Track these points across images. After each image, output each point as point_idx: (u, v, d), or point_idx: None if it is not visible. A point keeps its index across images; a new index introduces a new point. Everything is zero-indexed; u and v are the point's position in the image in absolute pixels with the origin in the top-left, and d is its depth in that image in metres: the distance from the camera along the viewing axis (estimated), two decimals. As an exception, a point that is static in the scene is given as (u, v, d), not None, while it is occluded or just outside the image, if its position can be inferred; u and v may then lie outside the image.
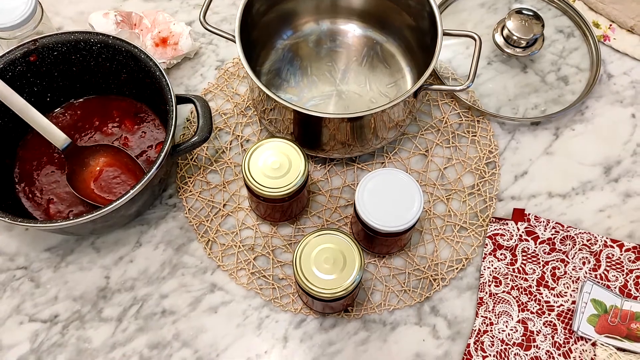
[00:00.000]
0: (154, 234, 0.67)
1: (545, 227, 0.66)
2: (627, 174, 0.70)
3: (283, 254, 0.66)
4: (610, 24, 0.78)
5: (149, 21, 0.75)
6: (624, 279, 0.64)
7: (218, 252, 0.66)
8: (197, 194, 0.69)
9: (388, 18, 0.73)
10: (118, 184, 0.67)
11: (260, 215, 0.67)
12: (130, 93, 0.71)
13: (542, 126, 0.73)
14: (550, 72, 0.75)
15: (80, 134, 0.70)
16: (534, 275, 0.64)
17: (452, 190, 0.69)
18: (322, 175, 0.70)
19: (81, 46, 0.66)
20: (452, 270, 0.65)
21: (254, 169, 0.60)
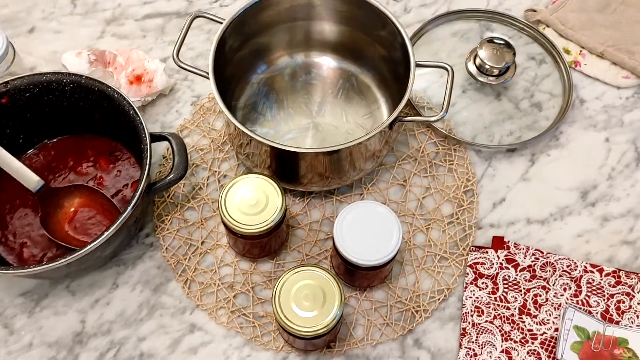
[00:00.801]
0: (131, 274, 0.66)
1: (525, 254, 0.66)
2: (604, 198, 0.70)
3: (263, 290, 0.65)
4: (580, 50, 0.79)
5: (123, 59, 0.74)
6: (605, 304, 0.64)
7: (197, 291, 0.65)
8: (174, 232, 0.68)
9: (362, 50, 0.74)
10: (93, 225, 0.66)
11: (239, 252, 0.66)
12: (105, 132, 0.70)
13: (518, 152, 0.73)
14: (523, 98, 0.76)
15: (54, 175, 0.69)
16: (515, 303, 0.64)
17: (431, 220, 0.69)
18: (300, 209, 0.70)
19: (53, 87, 0.66)
20: (434, 301, 0.65)
21: (231, 206, 0.59)
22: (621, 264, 0.67)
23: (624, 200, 0.70)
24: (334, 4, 0.70)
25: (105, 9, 0.83)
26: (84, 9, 0.83)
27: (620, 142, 0.74)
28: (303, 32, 0.74)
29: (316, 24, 0.73)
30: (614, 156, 0.73)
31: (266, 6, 0.68)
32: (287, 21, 0.72)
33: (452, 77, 0.64)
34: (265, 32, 0.72)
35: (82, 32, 0.81)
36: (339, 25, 0.73)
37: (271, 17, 0.70)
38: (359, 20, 0.70)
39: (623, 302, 0.64)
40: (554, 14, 0.80)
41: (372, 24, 0.69)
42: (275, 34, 0.73)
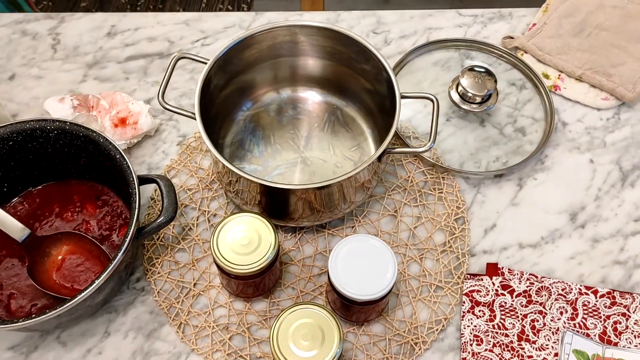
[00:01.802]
0: (123, 321, 0.64)
1: (519, 279, 0.66)
2: (593, 219, 0.71)
3: (259, 330, 0.64)
4: (559, 74, 0.81)
5: (106, 102, 0.74)
6: (602, 325, 0.64)
7: (191, 335, 0.63)
8: (165, 274, 0.67)
9: (346, 83, 0.74)
10: (82, 272, 0.65)
11: (233, 292, 0.65)
12: (90, 176, 0.70)
13: (505, 178, 0.74)
14: (507, 124, 0.77)
15: (40, 223, 0.68)
16: (514, 329, 0.64)
17: (424, 249, 0.69)
18: (293, 245, 0.69)
19: (37, 134, 0.65)
20: (433, 332, 0.64)
21: (223, 246, 0.59)
22: (614, 284, 0.67)
23: (612, 221, 0.71)
24: (317, 40, 0.70)
25: (87, 53, 0.83)
26: (64, 53, 0.83)
27: (604, 162, 0.75)
28: (287, 68, 0.75)
29: (300, 60, 0.74)
30: (600, 177, 0.74)
31: (249, 45, 0.68)
32: (270, 58, 0.72)
33: (437, 108, 0.65)
34: (249, 69, 0.72)
35: (64, 77, 0.80)
36: (323, 60, 0.74)
37: (254, 55, 0.70)
38: (342, 55, 0.71)
39: (620, 323, 0.64)
40: (531, 40, 0.82)
41: (355, 59, 0.70)
42: (259, 71, 0.73)
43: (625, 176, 0.74)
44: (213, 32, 0.85)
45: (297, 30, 0.69)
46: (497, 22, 0.86)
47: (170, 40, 0.84)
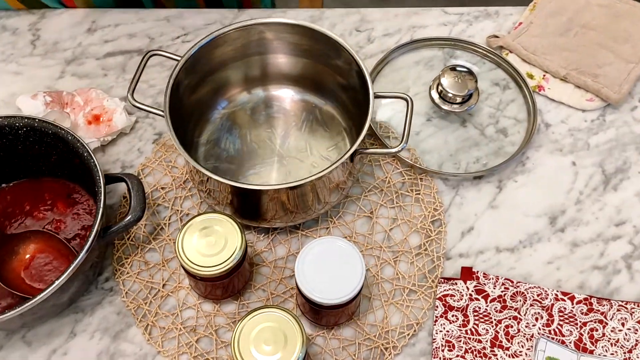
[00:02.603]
0: (90, 321, 0.63)
1: (494, 284, 0.64)
2: (573, 223, 0.69)
3: (227, 333, 0.63)
4: (543, 74, 0.79)
5: (81, 99, 0.73)
6: (578, 332, 0.62)
7: (158, 337, 0.62)
8: (134, 275, 0.66)
9: (322, 81, 0.73)
10: (50, 271, 0.64)
11: (201, 294, 0.64)
12: (62, 174, 0.69)
13: (485, 180, 0.72)
14: (489, 125, 0.76)
15: (10, 221, 0.67)
16: (487, 335, 0.62)
17: (399, 252, 0.67)
18: (265, 246, 0.68)
19: (6, 131, 0.64)
20: (404, 336, 0.63)
21: (188, 248, 0.58)
22: (593, 290, 0.65)
23: (593, 225, 0.69)
24: (288, 37, 0.69)
25: (66, 49, 0.82)
26: (43, 49, 0.82)
27: (586, 165, 0.73)
28: (263, 66, 0.73)
29: (276, 58, 0.73)
30: (581, 180, 0.72)
31: (220, 43, 0.67)
32: (245, 56, 0.71)
33: (411, 108, 0.63)
34: (223, 68, 0.71)
35: (42, 73, 0.80)
36: (299, 58, 0.72)
37: (227, 53, 0.69)
38: (315, 52, 0.70)
39: (596, 330, 0.62)
40: (516, 40, 0.80)
41: (328, 55, 0.69)
42: (233, 69, 0.72)
43: (608, 179, 0.72)
44: (194, 29, 0.84)
45: (269, 28, 0.68)
46: (483, 21, 0.85)
47: (150, 36, 0.83)
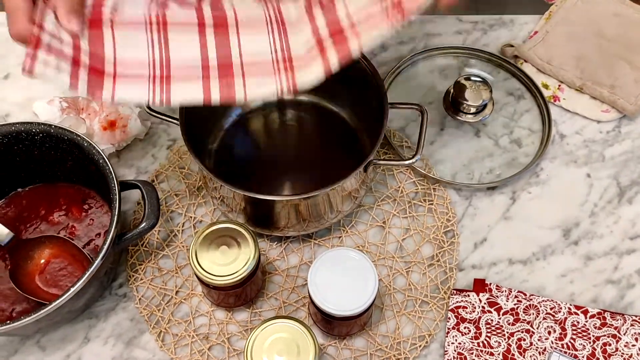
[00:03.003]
0: (103, 327, 0.64)
1: (507, 296, 0.64)
2: (587, 235, 0.69)
3: (239, 341, 0.63)
4: (559, 84, 0.79)
5: (97, 105, 0.74)
6: (591, 347, 0.62)
7: (171, 344, 0.63)
8: (148, 281, 0.66)
9: (337, 89, 0.73)
10: (64, 276, 0.64)
11: (214, 302, 0.64)
12: (78, 179, 0.69)
13: (498, 190, 0.72)
14: (503, 135, 0.75)
15: (26, 225, 0.68)
16: (499, 348, 0.62)
17: (411, 262, 0.67)
18: (278, 254, 0.68)
19: (23, 137, 0.65)
20: (415, 348, 0.63)
21: (202, 257, 0.58)
22: (606, 304, 0.65)
23: (607, 238, 0.69)
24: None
25: (81, 54, 0.82)
26: (59, 53, 0.82)
27: (601, 177, 0.72)
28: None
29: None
30: (596, 192, 0.71)
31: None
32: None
33: (426, 119, 0.63)
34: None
35: (58, 78, 0.80)
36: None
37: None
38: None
39: (609, 345, 0.62)
40: (532, 49, 0.80)
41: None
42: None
43: (623, 192, 0.72)
44: (208, 35, 0.84)
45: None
46: (498, 29, 0.84)
47: (165, 42, 0.83)
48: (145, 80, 0.47)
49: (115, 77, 0.47)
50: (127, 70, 0.47)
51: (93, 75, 0.47)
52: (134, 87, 0.47)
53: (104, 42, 0.49)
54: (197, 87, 0.50)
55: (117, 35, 0.50)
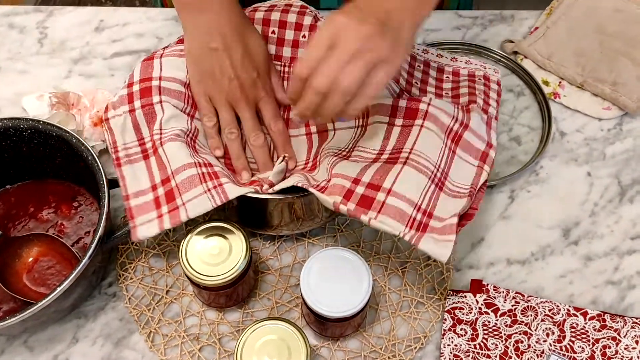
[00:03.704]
0: (92, 327, 0.63)
1: (505, 297, 0.63)
2: (587, 235, 0.67)
3: (230, 342, 0.62)
4: (559, 81, 0.77)
5: (88, 100, 0.72)
6: (590, 349, 0.61)
7: (160, 345, 0.61)
8: (138, 280, 0.65)
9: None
10: (53, 275, 0.63)
11: (205, 302, 0.63)
12: (67, 176, 0.68)
13: (496, 189, 0.70)
14: (502, 132, 0.74)
15: (14, 223, 0.66)
16: (496, 350, 0.61)
17: (407, 262, 0.66)
18: (271, 253, 0.67)
19: (11, 132, 0.64)
20: (411, 350, 0.61)
21: (192, 256, 0.57)
22: (606, 306, 0.64)
23: (607, 238, 0.67)
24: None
25: (73, 48, 0.81)
26: (50, 47, 0.81)
27: (602, 176, 0.71)
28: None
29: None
30: (597, 191, 0.70)
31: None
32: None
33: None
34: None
35: (48, 72, 0.79)
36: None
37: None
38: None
39: (609, 347, 0.61)
40: (532, 45, 0.78)
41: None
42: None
43: (624, 191, 0.70)
44: (202, 29, 0.82)
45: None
46: (497, 25, 0.83)
47: (158, 36, 0.82)
48: (203, 193, 0.57)
49: (184, 204, 0.57)
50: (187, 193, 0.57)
51: (171, 213, 0.57)
52: (199, 201, 0.57)
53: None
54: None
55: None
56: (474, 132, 0.61)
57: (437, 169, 0.58)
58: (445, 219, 0.56)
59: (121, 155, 0.61)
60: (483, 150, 0.62)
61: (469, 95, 0.66)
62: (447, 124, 0.60)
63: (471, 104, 0.65)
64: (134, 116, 0.59)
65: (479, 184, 0.60)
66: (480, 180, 0.60)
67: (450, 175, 0.59)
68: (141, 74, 0.63)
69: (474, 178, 0.60)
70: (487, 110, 0.66)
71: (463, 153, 0.61)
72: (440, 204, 0.57)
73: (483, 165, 0.61)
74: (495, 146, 0.63)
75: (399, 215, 0.55)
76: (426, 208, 0.57)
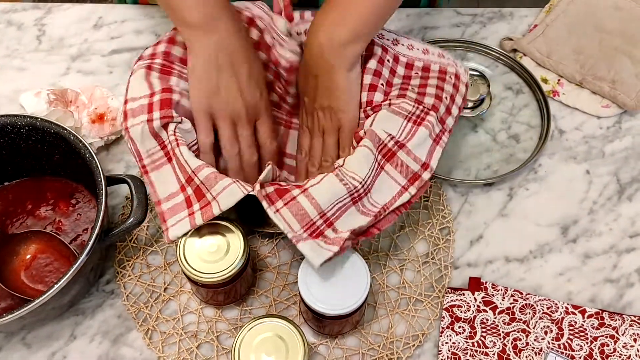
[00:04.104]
0: (90, 324, 0.62)
1: (503, 295, 0.63)
2: (585, 233, 0.67)
3: (228, 339, 0.62)
4: (558, 79, 0.77)
5: (86, 97, 0.72)
6: (588, 347, 0.61)
7: (158, 342, 0.61)
8: (136, 278, 0.65)
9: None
10: (50, 272, 0.63)
11: (203, 299, 0.63)
12: (65, 173, 0.68)
13: (495, 187, 0.70)
14: (500, 130, 0.74)
15: (12, 220, 0.66)
16: (494, 348, 0.61)
17: (405, 260, 0.66)
18: (269, 251, 0.67)
19: (8, 129, 0.63)
20: (409, 347, 0.61)
21: (190, 254, 0.57)
22: (605, 304, 0.64)
23: (606, 236, 0.67)
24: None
25: (71, 45, 0.81)
26: (49, 44, 0.81)
27: (601, 174, 0.71)
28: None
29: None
30: (595, 189, 0.70)
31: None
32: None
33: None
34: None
35: (47, 69, 0.79)
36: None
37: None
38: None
39: (607, 346, 0.61)
40: (531, 43, 0.78)
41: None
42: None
43: (623, 189, 0.70)
44: (201, 27, 0.82)
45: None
46: (496, 22, 0.82)
47: (157, 33, 0.82)
48: (232, 183, 0.57)
49: (215, 198, 0.57)
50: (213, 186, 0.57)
51: (203, 209, 0.57)
52: (229, 192, 0.56)
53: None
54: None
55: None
56: (409, 152, 0.59)
57: (363, 185, 0.57)
58: (340, 232, 0.56)
59: (146, 162, 0.60)
60: (416, 172, 0.59)
61: (435, 98, 0.62)
62: (382, 140, 0.58)
63: (430, 113, 0.60)
64: (152, 126, 0.58)
65: (394, 206, 0.58)
66: (397, 202, 0.58)
67: (371, 192, 0.58)
68: (161, 84, 0.61)
69: (391, 199, 0.58)
70: (444, 120, 0.62)
71: (392, 170, 0.59)
72: (346, 217, 0.57)
73: (409, 187, 0.58)
74: (434, 167, 0.60)
75: (301, 215, 0.55)
76: (330, 217, 0.56)
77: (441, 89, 0.63)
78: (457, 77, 0.65)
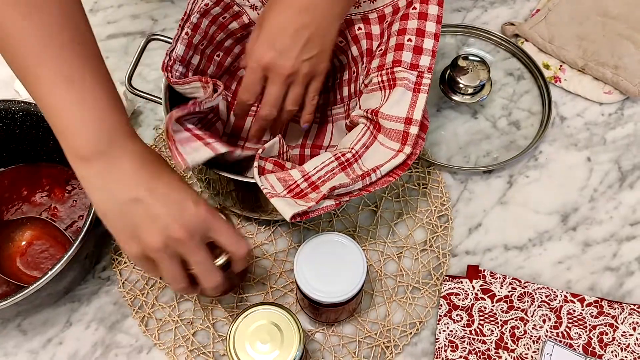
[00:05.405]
0: (86, 311, 0.62)
1: (501, 283, 0.62)
2: (585, 221, 0.67)
3: (224, 326, 0.62)
4: (560, 64, 0.76)
5: (81, 82, 0.71)
6: (587, 336, 0.60)
7: (154, 329, 0.61)
8: (132, 264, 0.64)
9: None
10: (46, 259, 0.63)
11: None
12: (61, 159, 0.67)
13: (495, 174, 0.70)
14: (501, 117, 0.73)
15: (7, 206, 0.66)
16: (492, 336, 0.60)
17: (403, 247, 0.65)
18: (266, 238, 0.66)
19: (2, 115, 0.63)
20: (406, 335, 0.61)
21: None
22: (604, 292, 0.63)
23: (606, 224, 0.66)
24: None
25: (67, 30, 0.80)
26: (45, 29, 0.80)
27: (602, 161, 0.70)
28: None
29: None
30: (596, 177, 0.69)
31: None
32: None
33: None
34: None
35: (42, 54, 0.78)
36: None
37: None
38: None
39: (606, 334, 0.60)
40: (533, 28, 0.77)
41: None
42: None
43: (624, 177, 0.69)
44: (198, 11, 0.81)
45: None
46: (498, 7, 0.81)
47: (153, 18, 0.81)
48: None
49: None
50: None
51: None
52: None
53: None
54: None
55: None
56: (387, 115, 0.55)
57: (350, 151, 0.55)
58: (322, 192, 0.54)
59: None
60: (402, 131, 0.55)
61: (395, 50, 0.57)
62: (370, 118, 0.57)
63: (394, 70, 0.56)
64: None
65: (387, 167, 0.54)
66: (389, 163, 0.54)
67: (362, 158, 0.56)
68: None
69: (384, 162, 0.55)
70: (417, 63, 0.57)
71: (384, 139, 0.56)
72: (333, 181, 0.55)
73: (403, 148, 0.55)
74: (418, 119, 0.55)
75: (285, 177, 0.54)
76: (315, 180, 0.54)
77: (403, 32, 0.57)
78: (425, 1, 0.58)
